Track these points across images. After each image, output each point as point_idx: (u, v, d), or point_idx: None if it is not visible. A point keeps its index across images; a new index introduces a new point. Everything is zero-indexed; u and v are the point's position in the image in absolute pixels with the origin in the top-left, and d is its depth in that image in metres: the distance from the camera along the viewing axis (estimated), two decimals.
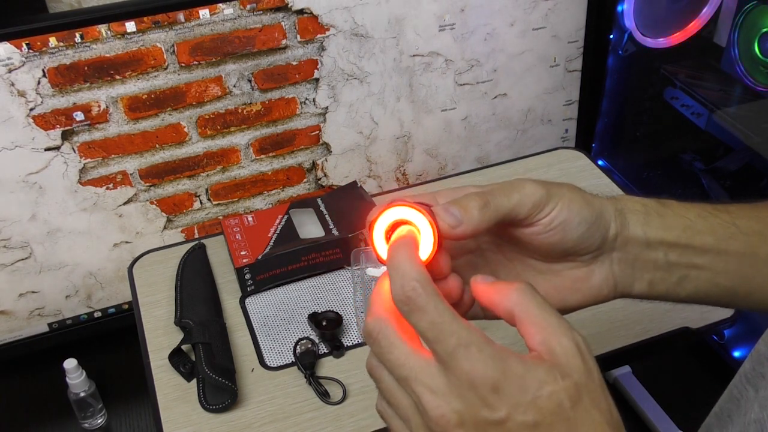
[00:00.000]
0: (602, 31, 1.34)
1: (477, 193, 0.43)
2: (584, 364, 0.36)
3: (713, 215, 0.48)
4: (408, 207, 0.41)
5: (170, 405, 0.79)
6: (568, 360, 0.36)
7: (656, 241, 0.46)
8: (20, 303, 1.16)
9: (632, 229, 0.46)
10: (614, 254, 0.47)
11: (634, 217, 0.46)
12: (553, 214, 0.44)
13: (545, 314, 0.37)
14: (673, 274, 0.47)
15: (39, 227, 1.10)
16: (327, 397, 0.79)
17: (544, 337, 0.36)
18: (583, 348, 0.36)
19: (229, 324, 0.88)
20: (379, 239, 0.42)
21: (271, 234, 0.96)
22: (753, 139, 1.15)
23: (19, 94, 0.99)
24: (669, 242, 0.46)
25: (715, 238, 0.47)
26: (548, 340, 0.36)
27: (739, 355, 1.23)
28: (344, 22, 1.12)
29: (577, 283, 0.47)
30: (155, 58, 1.04)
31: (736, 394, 0.47)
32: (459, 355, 0.35)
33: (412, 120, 1.26)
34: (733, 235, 0.47)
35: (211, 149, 1.15)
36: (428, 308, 0.36)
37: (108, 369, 1.27)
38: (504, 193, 0.43)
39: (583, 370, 0.36)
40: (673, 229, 0.47)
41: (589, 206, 0.45)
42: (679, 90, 1.29)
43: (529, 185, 0.44)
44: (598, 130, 1.49)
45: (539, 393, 0.35)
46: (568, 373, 0.35)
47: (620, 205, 0.47)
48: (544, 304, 0.38)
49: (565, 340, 0.36)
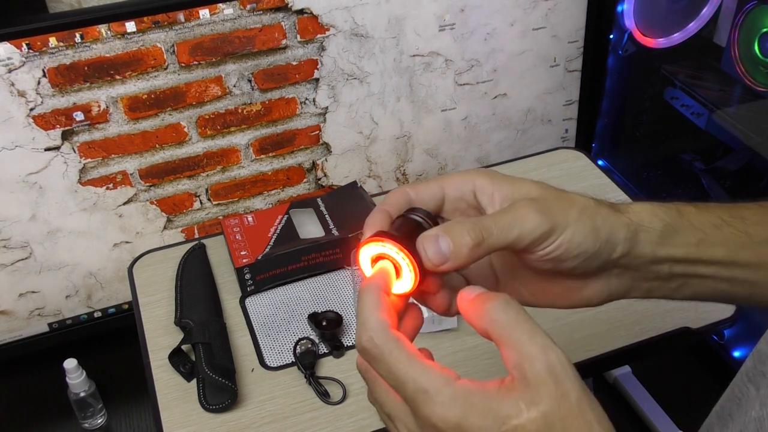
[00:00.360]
0: (602, 31, 1.34)
1: (473, 227, 0.41)
2: (557, 388, 0.35)
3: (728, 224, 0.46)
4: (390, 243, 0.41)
5: (170, 405, 0.79)
6: (539, 387, 0.35)
7: (663, 258, 0.45)
8: (20, 303, 1.16)
9: (641, 248, 0.45)
10: (614, 270, 0.45)
11: (647, 236, 0.45)
12: (550, 249, 0.42)
13: (520, 335, 0.36)
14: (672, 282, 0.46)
15: (39, 227, 1.10)
16: (327, 397, 0.79)
17: (516, 360, 0.36)
18: (558, 370, 0.35)
19: (229, 324, 0.88)
20: (366, 265, 0.43)
21: (271, 234, 0.96)
22: (753, 139, 1.15)
23: (19, 94, 0.99)
24: (677, 257, 0.45)
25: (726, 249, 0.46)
26: (520, 365, 0.36)
27: (739, 355, 1.23)
28: (344, 22, 1.12)
29: (567, 293, 0.46)
30: (155, 58, 1.04)
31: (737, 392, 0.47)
32: (418, 400, 0.36)
33: (412, 120, 1.26)
34: (745, 245, 0.46)
35: (211, 149, 1.15)
36: (384, 358, 0.38)
37: (108, 369, 1.27)
38: (503, 228, 0.41)
39: (554, 395, 0.35)
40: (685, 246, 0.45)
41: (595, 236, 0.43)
42: (679, 90, 1.29)
43: (532, 218, 0.41)
44: (598, 130, 1.49)
45: (504, 428, 0.34)
46: (535, 401, 0.35)
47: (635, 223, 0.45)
48: (519, 321, 0.37)
49: (538, 364, 0.35)
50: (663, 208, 0.47)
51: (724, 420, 0.47)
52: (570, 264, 0.43)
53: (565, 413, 0.35)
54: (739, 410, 0.46)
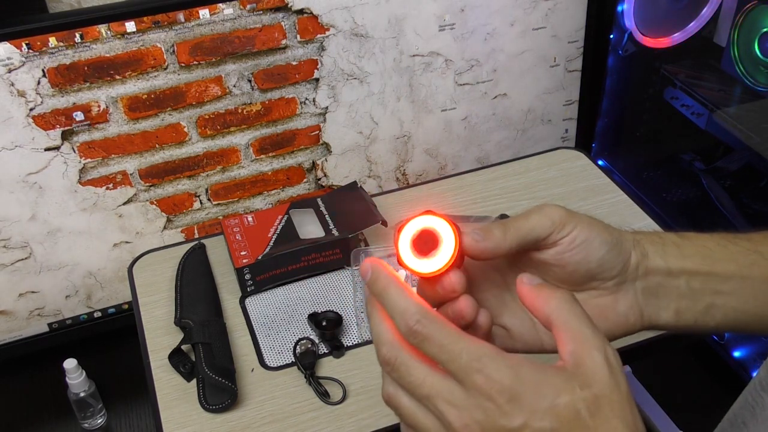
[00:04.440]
0: (602, 31, 1.34)
1: (496, 222, 0.45)
2: (612, 377, 0.36)
3: (733, 243, 0.48)
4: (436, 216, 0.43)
5: (170, 405, 0.79)
6: (595, 372, 0.36)
7: (677, 270, 0.47)
8: (20, 303, 1.16)
9: (652, 258, 0.47)
10: (637, 283, 0.47)
11: (652, 248, 0.48)
12: (575, 233, 0.45)
13: (581, 325, 0.38)
14: (698, 302, 0.47)
15: (39, 227, 1.10)
16: (327, 397, 0.79)
17: (574, 347, 0.37)
18: (613, 362, 0.37)
19: (229, 324, 0.88)
20: (405, 243, 0.43)
21: (271, 234, 0.96)
22: (753, 139, 1.15)
23: (19, 94, 0.99)
24: (690, 270, 0.47)
25: (736, 265, 0.47)
26: (578, 351, 0.37)
27: (739, 355, 1.23)
28: (344, 22, 1.12)
29: (604, 312, 0.47)
30: (155, 58, 1.04)
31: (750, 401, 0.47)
32: (472, 368, 0.37)
33: (412, 120, 1.26)
34: (756, 262, 0.47)
35: (211, 149, 1.15)
36: (434, 335, 0.38)
37: (108, 369, 1.27)
38: (522, 216, 0.46)
39: (609, 383, 0.36)
40: (692, 257, 0.47)
41: (608, 231, 0.46)
42: (679, 90, 1.29)
43: (548, 207, 0.46)
44: (598, 130, 1.49)
45: (556, 401, 0.35)
46: (589, 384, 0.36)
47: (638, 236, 0.48)
48: (582, 315, 0.39)
49: (596, 353, 0.37)
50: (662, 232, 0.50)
51: (737, 428, 0.48)
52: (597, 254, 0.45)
53: (616, 399, 0.36)
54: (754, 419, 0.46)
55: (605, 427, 0.36)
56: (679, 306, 0.48)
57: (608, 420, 0.36)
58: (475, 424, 0.36)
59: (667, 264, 0.47)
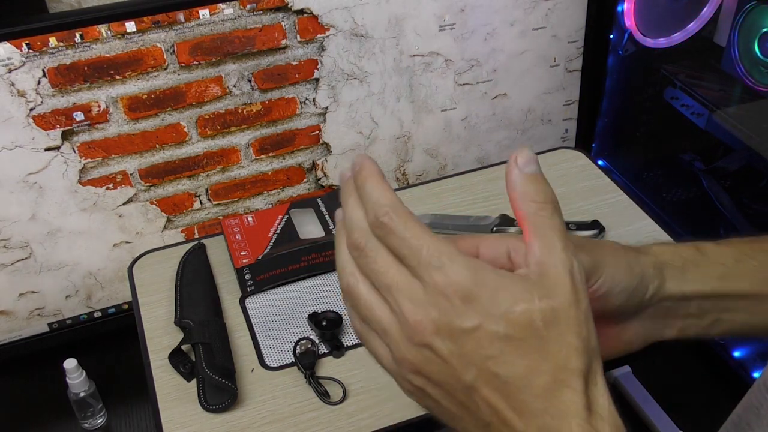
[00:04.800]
0: (602, 31, 1.34)
1: None
2: (573, 293, 0.36)
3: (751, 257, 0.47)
4: None
5: (170, 405, 0.79)
6: (557, 285, 0.36)
7: (692, 294, 0.46)
8: (20, 303, 1.16)
9: (669, 286, 0.46)
10: (647, 311, 0.46)
11: (671, 272, 0.46)
12: (596, 287, 0.43)
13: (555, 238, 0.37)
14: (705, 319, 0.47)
15: (39, 227, 1.10)
16: (327, 397, 0.79)
17: (541, 257, 0.36)
18: (578, 279, 0.36)
19: (229, 324, 0.88)
20: None
21: (271, 234, 0.96)
22: (753, 139, 1.15)
23: (19, 94, 0.99)
24: (705, 294, 0.46)
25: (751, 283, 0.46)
26: (544, 262, 0.36)
27: (740, 355, 1.23)
28: (344, 22, 1.12)
29: (608, 341, 0.47)
30: (155, 58, 1.04)
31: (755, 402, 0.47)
32: (431, 265, 0.36)
33: (412, 120, 1.26)
34: None
35: (211, 149, 1.15)
36: (398, 228, 0.37)
37: (108, 369, 1.27)
38: None
39: (569, 298, 0.35)
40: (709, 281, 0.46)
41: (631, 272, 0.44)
42: (679, 90, 1.29)
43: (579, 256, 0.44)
44: (598, 130, 1.49)
45: (513, 308, 0.35)
46: (549, 295, 0.35)
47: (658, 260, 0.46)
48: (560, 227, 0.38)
49: (562, 267, 0.36)
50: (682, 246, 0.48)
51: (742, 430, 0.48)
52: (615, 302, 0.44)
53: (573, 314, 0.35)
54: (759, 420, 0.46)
55: (558, 340, 0.35)
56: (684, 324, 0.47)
57: (562, 334, 0.35)
58: (429, 322, 0.36)
59: (683, 290, 0.46)
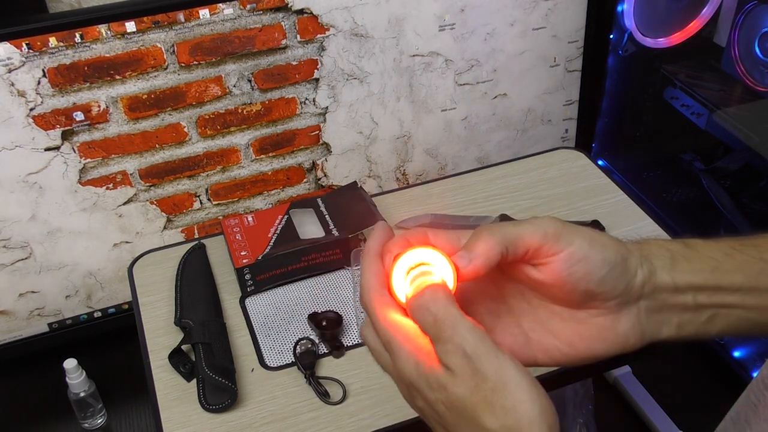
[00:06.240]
0: (602, 31, 1.34)
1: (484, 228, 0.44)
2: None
3: (740, 252, 0.47)
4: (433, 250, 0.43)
5: (170, 405, 0.79)
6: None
7: (685, 286, 0.46)
8: (20, 303, 1.16)
9: (659, 275, 0.45)
10: (641, 302, 0.46)
11: (660, 263, 0.46)
12: (572, 249, 0.43)
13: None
14: (702, 314, 0.46)
15: (39, 227, 1.10)
16: (327, 397, 0.79)
17: None
18: None
19: (229, 324, 0.88)
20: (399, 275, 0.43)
21: (271, 234, 0.96)
22: (753, 139, 1.15)
23: (19, 94, 0.99)
24: (698, 285, 0.46)
25: (744, 276, 0.46)
26: None
27: (739, 354, 1.23)
28: (344, 22, 1.12)
29: (602, 332, 0.46)
30: (155, 58, 1.04)
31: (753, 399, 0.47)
32: (397, 376, 0.42)
33: (412, 120, 1.26)
34: (763, 271, 0.46)
35: (211, 149, 1.15)
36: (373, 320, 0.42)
37: (108, 369, 1.27)
38: (514, 223, 0.44)
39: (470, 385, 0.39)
40: (701, 272, 0.46)
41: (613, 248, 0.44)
42: (679, 90, 1.29)
43: (543, 218, 0.44)
44: (598, 130, 1.49)
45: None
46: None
47: (645, 250, 0.46)
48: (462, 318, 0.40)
49: None
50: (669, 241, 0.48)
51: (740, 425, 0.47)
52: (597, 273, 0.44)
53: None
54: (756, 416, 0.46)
55: None
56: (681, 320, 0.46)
57: None
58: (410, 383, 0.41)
59: (675, 281, 0.45)
